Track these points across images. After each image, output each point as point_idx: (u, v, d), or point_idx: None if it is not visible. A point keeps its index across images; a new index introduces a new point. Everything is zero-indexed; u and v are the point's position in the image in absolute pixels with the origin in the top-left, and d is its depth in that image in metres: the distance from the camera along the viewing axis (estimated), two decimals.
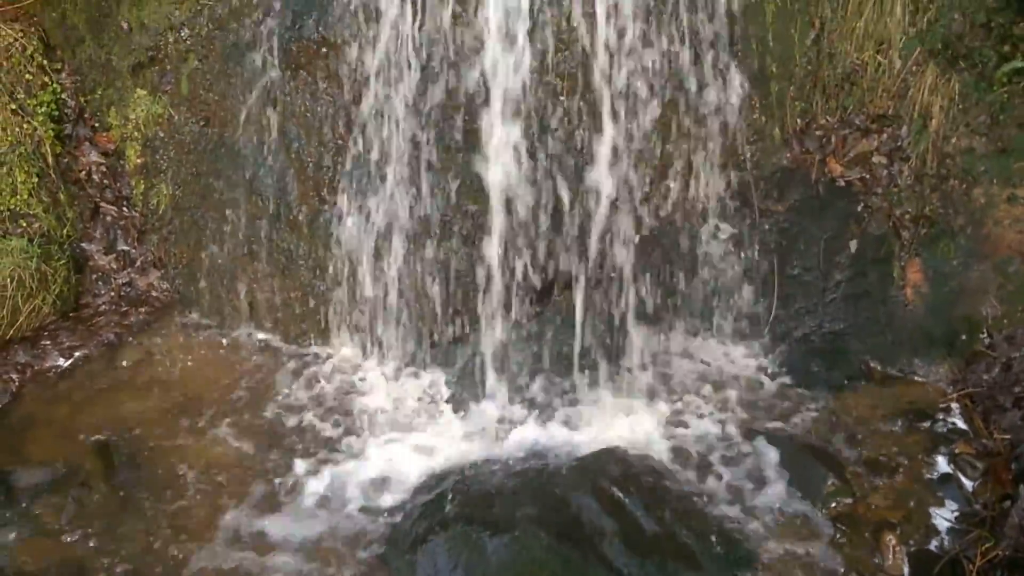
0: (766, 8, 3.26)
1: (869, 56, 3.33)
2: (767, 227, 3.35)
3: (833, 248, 3.32)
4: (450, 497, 2.65)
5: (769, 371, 3.31)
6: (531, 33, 2.97)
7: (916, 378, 3.25)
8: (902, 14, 3.27)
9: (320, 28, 3.09)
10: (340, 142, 3.20)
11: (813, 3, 3.31)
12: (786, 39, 3.31)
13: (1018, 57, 3.16)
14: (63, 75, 3.77)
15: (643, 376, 3.28)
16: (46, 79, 3.71)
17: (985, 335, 3.19)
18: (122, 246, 3.72)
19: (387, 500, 2.81)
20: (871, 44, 3.32)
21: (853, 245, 3.32)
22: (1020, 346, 3.12)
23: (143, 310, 3.61)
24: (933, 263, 3.27)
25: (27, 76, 3.66)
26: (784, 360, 3.32)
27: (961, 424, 3.05)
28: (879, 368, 3.28)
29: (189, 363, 3.37)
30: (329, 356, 3.40)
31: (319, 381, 3.30)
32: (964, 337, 3.21)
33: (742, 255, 3.35)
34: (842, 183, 3.36)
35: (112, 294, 3.65)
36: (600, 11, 2.92)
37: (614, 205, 3.17)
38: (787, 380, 3.26)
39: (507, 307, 3.18)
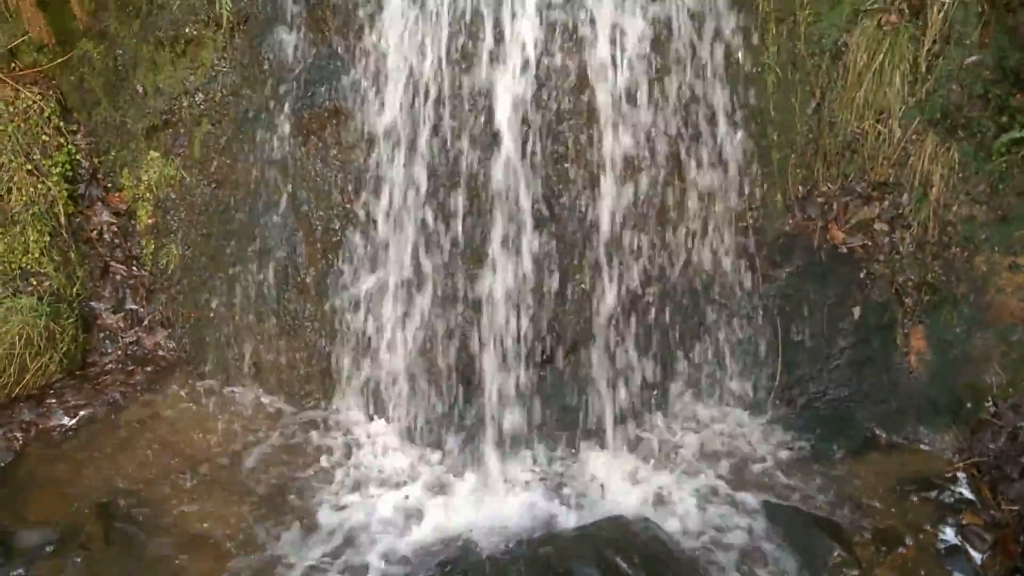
0: (767, 79, 3.33)
1: (869, 125, 3.38)
2: (770, 293, 3.37)
3: (836, 314, 3.34)
4: (450, 566, 2.63)
5: (774, 438, 3.29)
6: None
7: (922, 446, 3.24)
8: (901, 84, 3.33)
9: (332, 97, 3.16)
10: (348, 205, 3.25)
11: (813, 73, 3.38)
12: (787, 108, 3.37)
13: (1016, 127, 3.21)
14: (78, 136, 3.85)
15: (647, 442, 3.26)
16: (62, 140, 3.79)
17: (990, 403, 3.18)
18: (130, 305, 3.75)
19: (386, 567, 2.78)
20: (871, 113, 3.37)
21: (856, 312, 3.34)
22: None
23: (149, 369, 3.62)
24: (936, 330, 3.28)
25: (44, 137, 3.74)
26: (789, 427, 3.31)
27: (968, 494, 3.02)
28: (884, 436, 3.26)
29: (192, 424, 3.38)
30: (333, 418, 3.40)
31: (322, 443, 3.29)
32: (969, 405, 3.20)
33: (746, 320, 3.37)
34: (844, 250, 3.39)
35: (119, 353, 3.67)
36: (605, 84, 2.98)
37: (618, 269, 3.20)
38: (792, 447, 3.24)
39: (511, 370, 3.18)
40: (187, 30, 3.46)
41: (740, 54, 3.24)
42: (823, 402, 3.33)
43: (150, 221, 3.73)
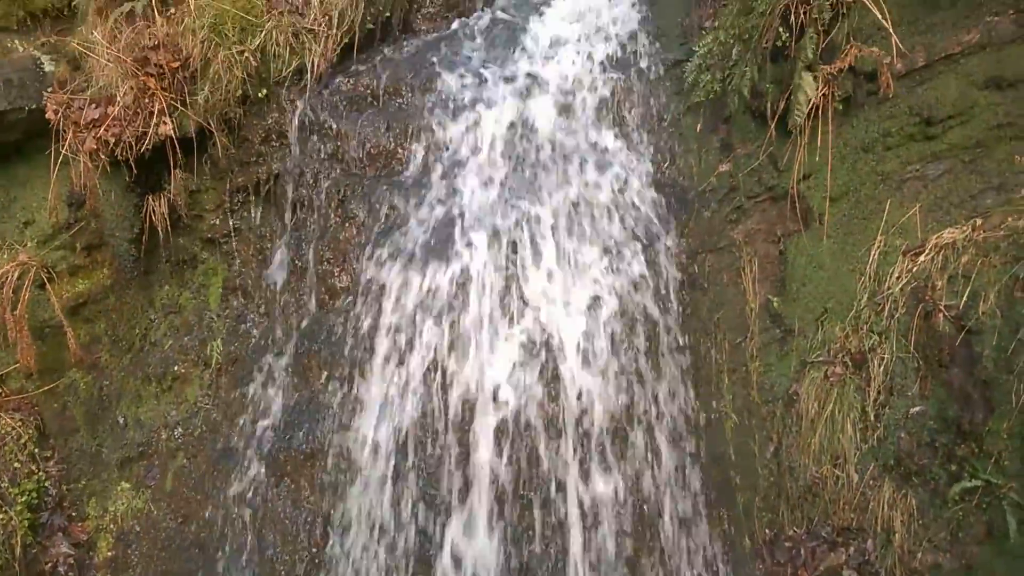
0: (725, 424, 3.50)
1: (827, 470, 3.50)
2: None
3: None
4: None
5: None
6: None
7: None
8: (853, 431, 3.51)
9: (309, 441, 3.27)
10: (315, 550, 3.21)
11: (769, 419, 3.56)
12: (747, 452, 3.51)
13: (966, 477, 3.33)
14: (51, 463, 3.86)
15: None
16: (34, 467, 3.79)
17: None
18: None
19: None
20: (828, 458, 3.51)
21: None
22: None
23: None
24: None
25: (16, 464, 3.74)
26: None
27: None
28: None
29: None
30: None
31: None
32: None
33: None
34: None
35: None
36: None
37: None
38: None
39: None
40: (176, 367, 3.64)
41: (697, 404, 3.43)
42: None
43: (110, 554, 3.63)
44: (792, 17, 3.27)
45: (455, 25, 3.97)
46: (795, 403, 3.56)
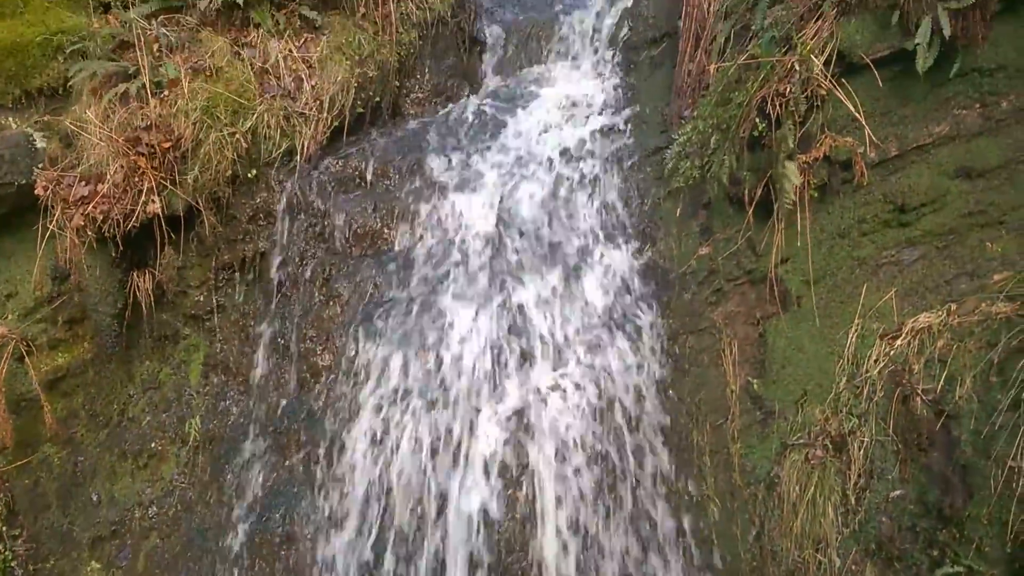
0: (708, 507, 3.48)
1: (809, 554, 3.48)
2: None
3: None
4: None
5: None
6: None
7: None
8: (834, 515, 3.49)
9: (285, 523, 3.21)
10: None
11: (751, 502, 3.55)
12: (729, 536, 3.48)
13: (947, 563, 3.31)
14: (19, 542, 3.76)
15: None
16: (0, 546, 3.70)
17: None
18: None
19: None
20: (809, 543, 3.48)
21: None
22: None
23: None
24: None
25: None
26: None
27: None
28: None
29: None
30: None
31: None
32: None
33: None
34: None
35: None
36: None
37: None
38: None
39: None
40: (153, 444, 3.59)
41: (680, 484, 3.41)
42: None
43: None
44: (769, 108, 3.38)
45: (444, 111, 4.09)
46: (777, 486, 3.55)
